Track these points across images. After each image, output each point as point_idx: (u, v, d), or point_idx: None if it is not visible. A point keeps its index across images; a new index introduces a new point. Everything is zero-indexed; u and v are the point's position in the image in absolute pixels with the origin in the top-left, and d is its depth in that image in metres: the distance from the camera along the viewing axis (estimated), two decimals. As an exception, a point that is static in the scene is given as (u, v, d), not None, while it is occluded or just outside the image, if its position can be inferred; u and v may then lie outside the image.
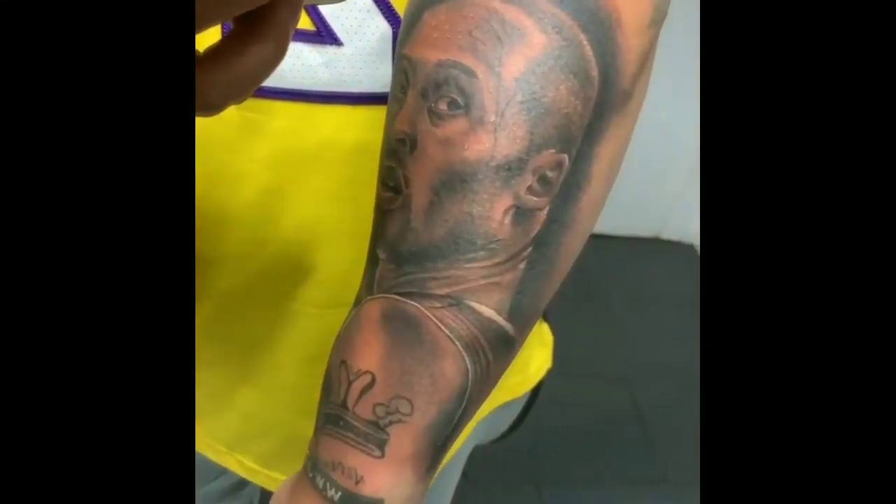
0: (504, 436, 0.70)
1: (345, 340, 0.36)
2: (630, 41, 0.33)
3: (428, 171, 0.33)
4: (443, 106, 0.32)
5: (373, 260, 0.36)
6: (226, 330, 0.52)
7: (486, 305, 0.34)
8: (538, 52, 0.31)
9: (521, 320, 0.35)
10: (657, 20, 0.34)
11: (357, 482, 0.35)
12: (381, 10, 0.40)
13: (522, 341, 0.36)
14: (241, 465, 0.61)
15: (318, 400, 0.51)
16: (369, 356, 0.35)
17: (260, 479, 0.61)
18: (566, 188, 0.33)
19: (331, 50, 0.41)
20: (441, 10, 0.32)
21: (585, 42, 0.32)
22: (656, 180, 2.19)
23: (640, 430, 1.73)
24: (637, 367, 1.86)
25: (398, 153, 0.33)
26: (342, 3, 0.40)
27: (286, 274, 0.47)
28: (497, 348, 0.35)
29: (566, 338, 0.71)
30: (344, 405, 0.35)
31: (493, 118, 0.32)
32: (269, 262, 0.47)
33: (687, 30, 1.08)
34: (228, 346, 0.53)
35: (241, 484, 0.68)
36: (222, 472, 0.64)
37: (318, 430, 0.37)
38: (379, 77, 0.42)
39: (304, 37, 0.40)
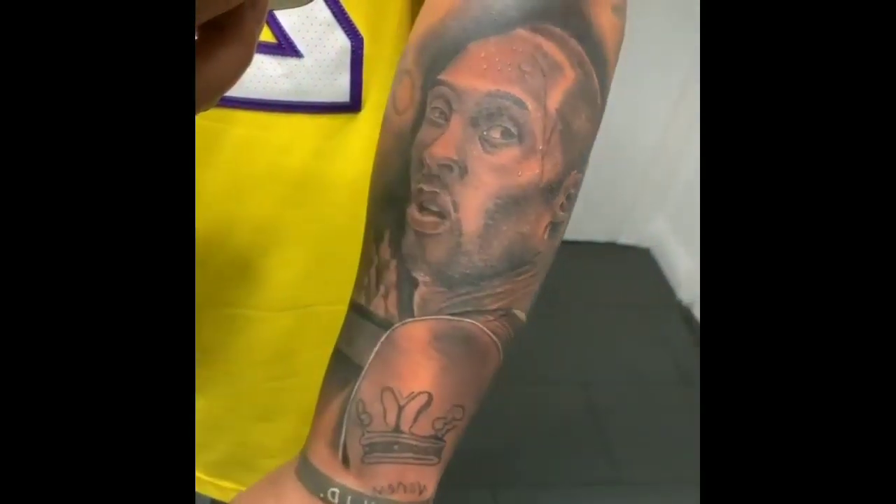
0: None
1: (383, 368, 0.36)
2: (613, 69, 0.37)
3: (481, 196, 0.35)
4: (496, 134, 0.34)
5: (407, 280, 0.36)
6: None
7: (523, 311, 0.37)
8: (570, 85, 0.35)
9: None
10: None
11: (421, 492, 0.37)
12: (341, 24, 0.41)
13: None
14: None
15: (268, 403, 0.51)
16: (422, 378, 0.36)
17: (209, 489, 0.60)
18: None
19: (291, 61, 0.42)
20: (491, 42, 0.34)
21: (594, 75, 0.36)
22: (611, 185, 2.21)
23: (596, 433, 1.74)
24: (592, 370, 1.88)
25: (443, 178, 0.35)
26: (303, 15, 0.40)
27: (239, 279, 0.47)
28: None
29: (522, 341, 0.72)
30: (397, 429, 0.36)
31: (540, 146, 0.35)
32: (223, 267, 0.47)
33: (643, 35, 1.10)
34: None
35: None
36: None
37: (360, 463, 0.37)
38: (337, 87, 0.43)
39: (265, 48, 0.41)
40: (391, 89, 0.38)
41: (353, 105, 0.44)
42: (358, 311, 0.38)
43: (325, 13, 0.41)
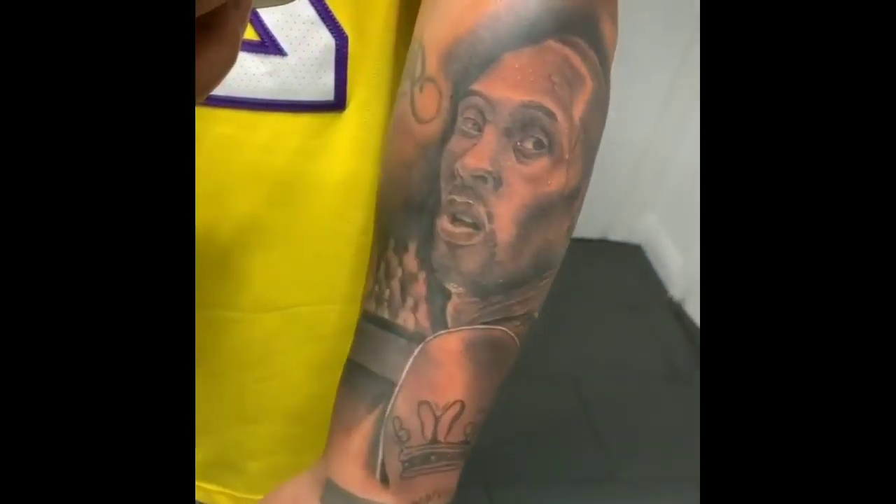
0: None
1: (418, 382, 0.36)
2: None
3: (514, 206, 0.35)
4: (529, 145, 0.35)
5: (439, 292, 0.36)
6: None
7: (538, 310, 0.38)
8: (590, 95, 0.36)
9: None
10: None
11: (450, 494, 0.38)
12: (325, 22, 0.41)
13: None
14: None
15: (252, 405, 0.50)
16: (456, 387, 0.36)
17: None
18: None
19: (275, 60, 0.41)
20: (525, 53, 0.34)
21: (604, 84, 0.37)
22: (602, 182, 2.21)
23: (588, 429, 1.74)
24: (584, 366, 1.88)
25: (477, 189, 0.35)
26: (287, 13, 0.40)
27: (223, 281, 0.47)
28: None
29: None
30: (434, 440, 0.37)
31: (567, 156, 0.36)
32: (205, 269, 0.46)
33: (632, 33, 1.10)
34: None
35: None
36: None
37: (399, 479, 0.37)
38: (321, 86, 0.42)
39: (248, 46, 0.41)
40: (407, 97, 0.37)
41: (337, 104, 0.43)
42: (379, 325, 0.37)
43: (310, 11, 0.41)
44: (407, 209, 0.36)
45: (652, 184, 2.30)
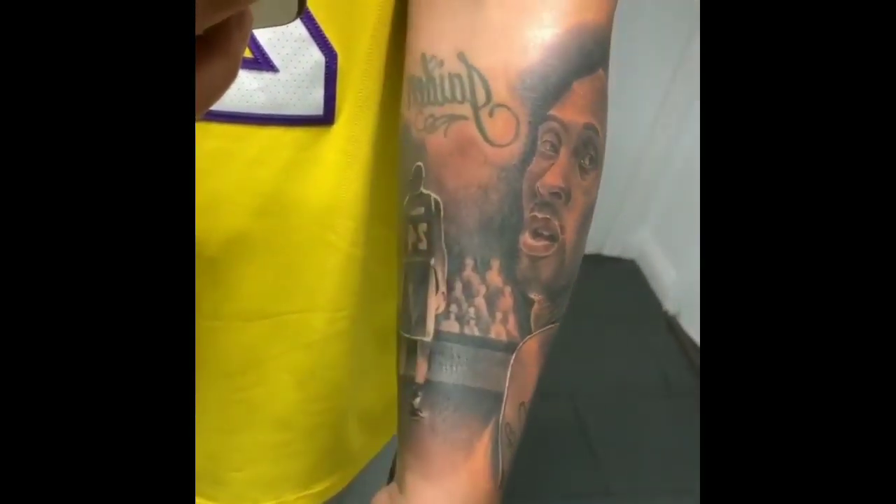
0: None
1: (517, 387, 0.40)
2: None
3: (576, 216, 0.39)
4: (587, 162, 0.39)
5: (523, 302, 0.39)
6: None
7: None
8: (606, 113, 0.41)
9: None
10: None
11: None
12: (315, 41, 0.42)
13: None
14: None
15: (237, 414, 0.51)
16: (534, 383, 0.40)
17: None
18: None
19: (267, 76, 0.42)
20: (586, 81, 0.38)
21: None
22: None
23: (583, 443, 1.75)
24: (579, 380, 1.88)
25: (553, 205, 0.39)
26: (279, 32, 0.41)
27: (209, 291, 0.47)
28: None
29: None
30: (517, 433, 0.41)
31: (601, 169, 0.41)
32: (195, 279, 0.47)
33: (624, 49, 1.11)
34: None
35: None
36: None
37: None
38: (311, 101, 0.44)
39: (242, 63, 0.42)
40: (469, 122, 0.39)
41: (326, 118, 0.44)
42: (471, 343, 0.39)
43: (301, 30, 0.42)
44: (486, 229, 0.39)
45: (645, 199, 2.31)
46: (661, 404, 1.88)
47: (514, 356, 0.39)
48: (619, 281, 2.31)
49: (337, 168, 0.46)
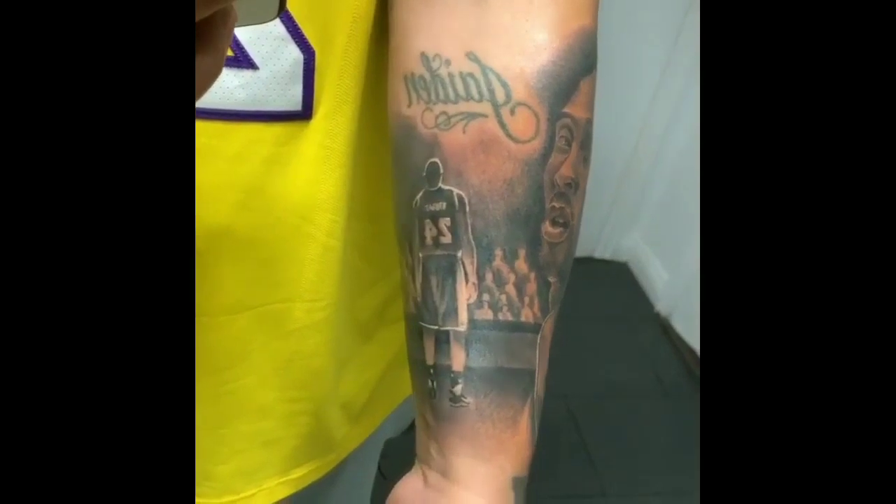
0: (411, 427, 0.73)
1: (543, 363, 0.43)
2: None
3: (580, 203, 0.43)
4: (587, 154, 0.43)
5: (544, 286, 0.42)
6: None
7: None
8: None
9: None
10: None
11: None
12: (294, 39, 0.44)
13: None
14: None
15: (224, 408, 0.51)
16: (548, 357, 0.43)
17: None
18: None
19: (247, 73, 0.43)
20: (588, 79, 0.42)
21: None
22: (587, 201, 2.22)
23: (577, 445, 1.75)
24: (573, 382, 1.89)
25: (567, 195, 0.42)
26: (259, 30, 0.42)
27: (197, 286, 0.48)
28: None
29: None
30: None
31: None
32: None
33: (611, 54, 1.12)
34: None
35: None
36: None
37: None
38: (290, 97, 0.45)
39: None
40: (490, 119, 0.41)
41: (304, 113, 0.46)
42: (506, 329, 0.41)
43: (280, 28, 0.43)
44: (512, 220, 0.41)
45: (635, 202, 2.33)
46: (655, 405, 1.89)
47: (539, 335, 0.42)
48: (611, 283, 2.32)
49: (315, 162, 0.47)
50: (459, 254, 0.41)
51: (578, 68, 0.41)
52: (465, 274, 0.41)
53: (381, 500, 0.66)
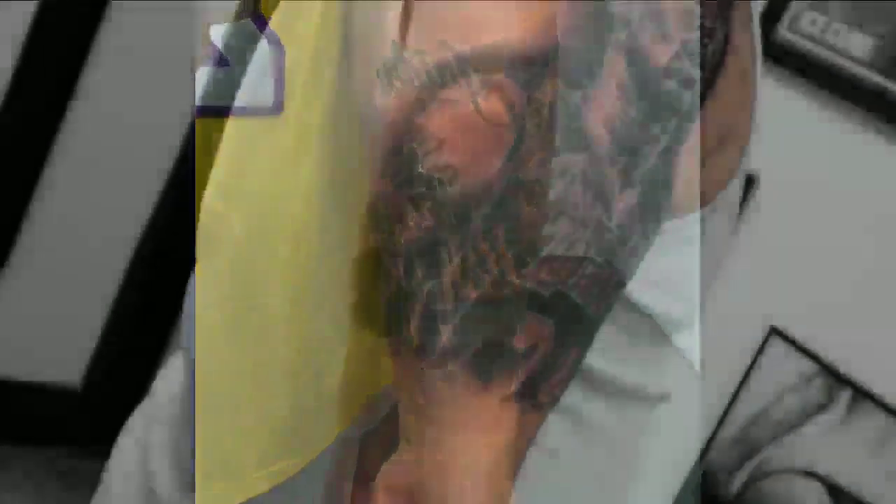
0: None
1: None
2: None
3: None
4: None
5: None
6: None
7: None
8: None
9: None
10: None
11: None
12: (266, 36, 0.45)
13: None
14: None
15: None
16: None
17: None
18: None
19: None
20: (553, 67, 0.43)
21: None
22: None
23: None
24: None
25: (541, 182, 0.43)
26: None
27: None
28: None
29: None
30: None
31: None
32: None
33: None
34: None
35: None
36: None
37: None
38: (262, 91, 0.47)
39: None
40: (473, 104, 0.42)
41: (276, 107, 0.47)
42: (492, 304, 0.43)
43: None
44: (490, 200, 0.43)
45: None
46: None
47: None
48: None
49: (288, 152, 0.48)
50: (443, 235, 0.42)
51: (548, 54, 0.42)
52: (450, 254, 0.42)
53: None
